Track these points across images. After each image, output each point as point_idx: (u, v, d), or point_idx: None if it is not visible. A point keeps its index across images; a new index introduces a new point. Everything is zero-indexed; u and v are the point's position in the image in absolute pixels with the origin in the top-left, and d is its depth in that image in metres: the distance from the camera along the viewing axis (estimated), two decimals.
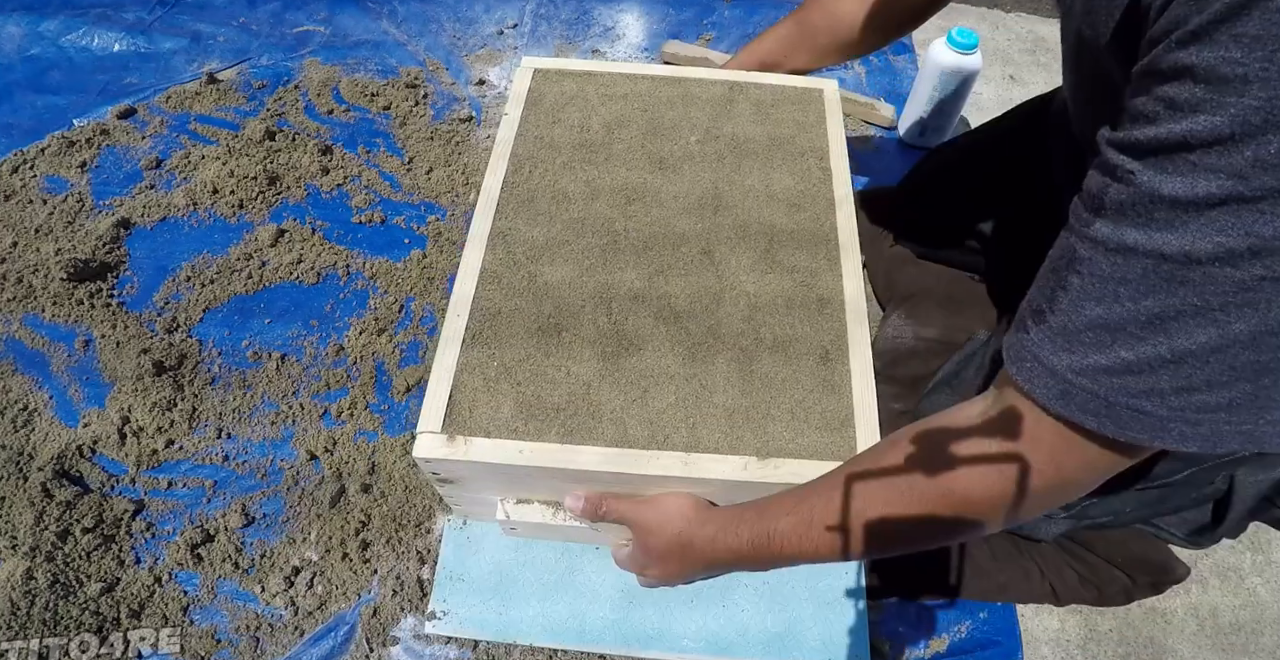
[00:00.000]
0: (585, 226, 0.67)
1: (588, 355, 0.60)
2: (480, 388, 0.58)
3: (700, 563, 0.59)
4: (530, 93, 0.78)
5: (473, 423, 0.57)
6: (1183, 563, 0.78)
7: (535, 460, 0.56)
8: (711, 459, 0.56)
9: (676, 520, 0.58)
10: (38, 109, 1.10)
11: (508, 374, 0.59)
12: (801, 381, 0.60)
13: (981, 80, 1.28)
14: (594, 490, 0.61)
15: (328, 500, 0.79)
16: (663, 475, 0.56)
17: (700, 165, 0.72)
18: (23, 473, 0.77)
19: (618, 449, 0.56)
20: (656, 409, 0.58)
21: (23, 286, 0.90)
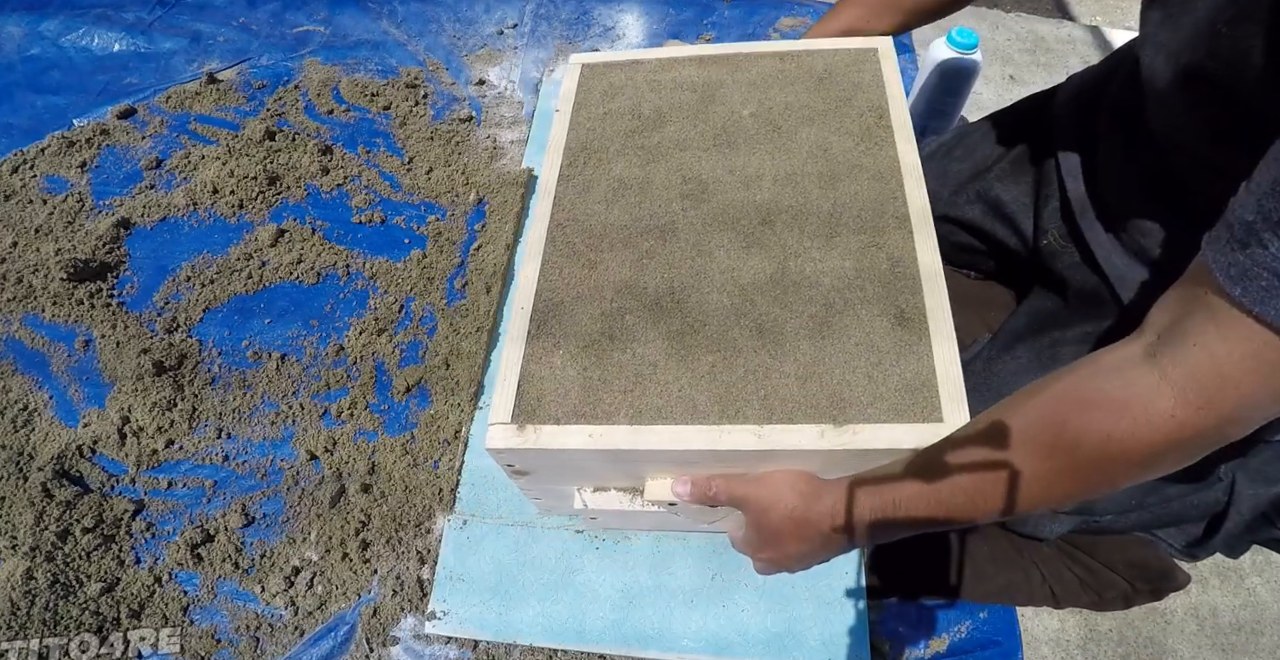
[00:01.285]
0: (642, 210, 0.66)
1: (652, 336, 0.59)
2: (547, 377, 0.59)
3: (817, 540, 0.55)
4: (579, 88, 0.78)
5: (542, 411, 0.57)
6: (1183, 571, 0.77)
7: (605, 444, 0.55)
8: (785, 430, 0.54)
9: (790, 497, 0.55)
10: (38, 109, 1.10)
11: (573, 361, 0.59)
12: (876, 345, 0.56)
13: (981, 80, 1.28)
14: (699, 473, 0.58)
15: (328, 500, 0.79)
16: (735, 449, 0.54)
17: (755, 138, 0.70)
18: (23, 473, 0.77)
19: (688, 426, 0.55)
20: (726, 383, 0.56)
21: (23, 286, 0.90)
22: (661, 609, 0.74)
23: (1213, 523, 0.67)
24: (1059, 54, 1.39)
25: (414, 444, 0.83)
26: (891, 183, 0.65)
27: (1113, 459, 0.42)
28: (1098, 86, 0.72)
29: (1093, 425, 0.42)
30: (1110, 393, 0.42)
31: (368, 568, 0.76)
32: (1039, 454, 0.44)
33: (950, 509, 0.48)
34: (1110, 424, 0.42)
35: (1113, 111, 0.67)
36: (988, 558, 0.77)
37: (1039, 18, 1.47)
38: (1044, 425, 0.45)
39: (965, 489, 0.47)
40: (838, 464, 0.55)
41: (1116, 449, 0.42)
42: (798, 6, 1.36)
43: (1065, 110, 0.75)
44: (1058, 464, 0.44)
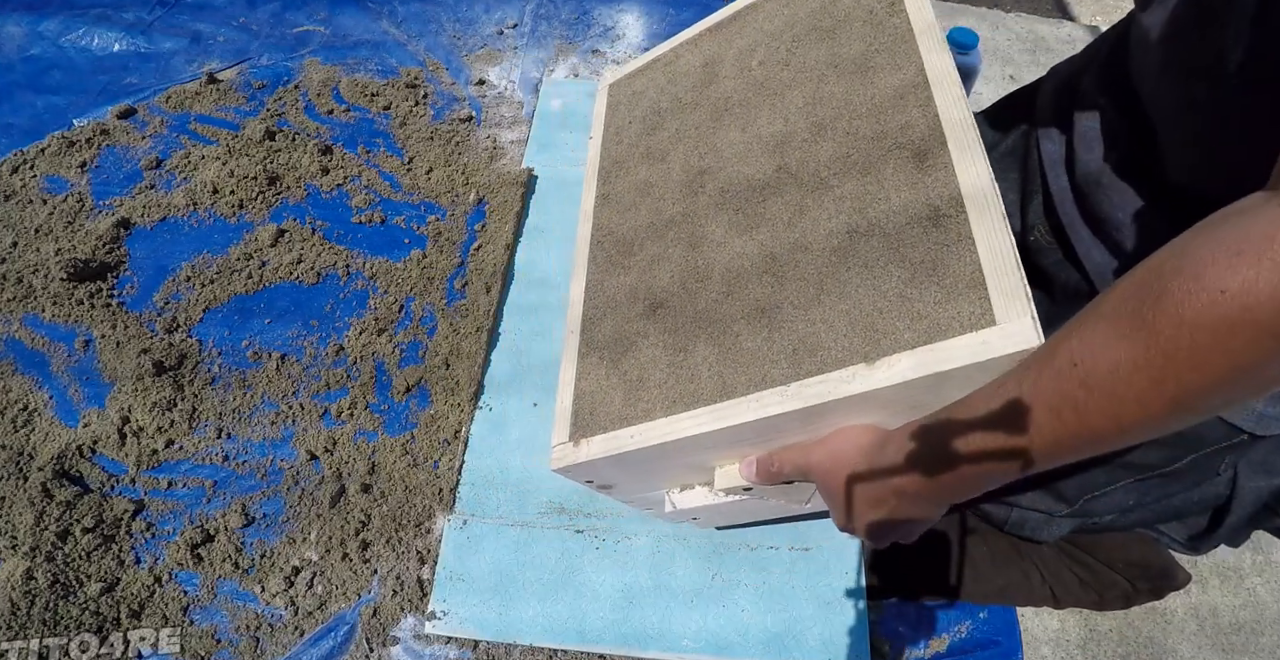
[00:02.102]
0: (660, 208, 0.66)
1: (682, 322, 0.58)
2: (595, 390, 0.60)
3: (891, 499, 0.47)
4: (608, 107, 0.80)
5: (594, 424, 0.58)
6: (1184, 569, 0.77)
7: (647, 440, 0.54)
8: (811, 384, 0.48)
9: (851, 453, 0.48)
10: (38, 109, 1.10)
11: (616, 369, 0.60)
12: (908, 256, 0.49)
13: (981, 80, 1.28)
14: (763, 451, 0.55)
15: (328, 500, 0.79)
16: (765, 417, 0.50)
17: (752, 106, 0.66)
18: (23, 473, 0.77)
19: (719, 404, 0.52)
20: (750, 350, 0.53)
21: (23, 286, 0.90)
22: (661, 609, 0.74)
23: (1216, 516, 0.67)
24: (1059, 54, 1.39)
25: (414, 444, 0.83)
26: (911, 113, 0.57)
27: (1233, 324, 0.31)
28: (1076, 76, 0.72)
29: (1198, 282, 0.32)
30: (1221, 240, 0.32)
31: (368, 568, 0.76)
32: (1129, 334, 0.34)
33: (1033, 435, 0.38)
34: (1222, 275, 0.31)
35: (1089, 93, 0.67)
36: (987, 558, 0.77)
37: (1039, 18, 1.47)
38: (1132, 296, 0.35)
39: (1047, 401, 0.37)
40: (903, 409, 0.48)
41: (1235, 307, 0.31)
42: None
43: (1047, 102, 0.75)
44: (1156, 345, 0.33)
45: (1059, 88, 0.74)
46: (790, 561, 0.77)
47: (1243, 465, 0.62)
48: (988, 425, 0.40)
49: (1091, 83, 0.66)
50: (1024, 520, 0.71)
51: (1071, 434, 0.37)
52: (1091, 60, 0.70)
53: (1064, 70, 0.76)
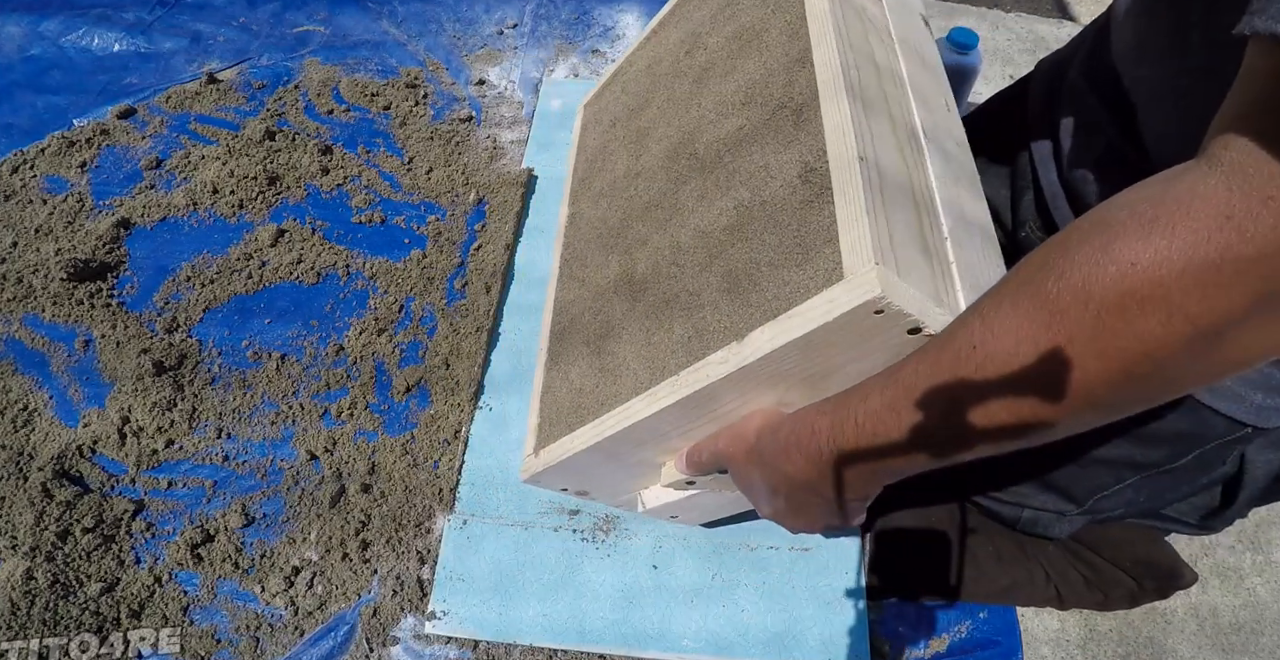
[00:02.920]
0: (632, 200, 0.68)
1: (625, 323, 0.59)
2: (554, 403, 0.62)
3: (784, 485, 0.45)
4: (582, 129, 0.83)
5: (550, 434, 0.60)
6: (1190, 568, 0.77)
7: (582, 445, 0.56)
8: (697, 368, 0.47)
9: (747, 438, 0.46)
10: (38, 109, 1.09)
11: (566, 380, 0.62)
12: (779, 219, 0.47)
13: (981, 80, 1.28)
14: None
15: (328, 500, 0.79)
16: (661, 409, 0.49)
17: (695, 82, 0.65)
18: (23, 473, 0.77)
19: (628, 403, 0.52)
20: (658, 342, 0.53)
21: (23, 286, 0.90)
22: (661, 609, 0.74)
23: (1228, 492, 0.66)
24: None
25: (414, 444, 0.83)
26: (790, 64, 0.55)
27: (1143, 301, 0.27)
28: (1062, 68, 0.72)
29: (1107, 253, 0.28)
30: (1136, 206, 0.28)
31: (368, 568, 0.76)
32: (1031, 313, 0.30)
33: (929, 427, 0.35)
34: (1133, 246, 0.27)
35: (1075, 84, 0.66)
36: (992, 557, 0.77)
37: (1039, 18, 1.47)
38: (1039, 267, 0.31)
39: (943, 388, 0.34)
40: (796, 384, 0.46)
41: (1146, 281, 0.27)
42: None
43: (1036, 97, 0.75)
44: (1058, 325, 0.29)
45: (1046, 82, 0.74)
46: (790, 561, 0.77)
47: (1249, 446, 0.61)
48: (878, 415, 0.36)
49: (1077, 73, 0.66)
50: (1036, 519, 0.71)
51: (971, 428, 0.33)
52: (1076, 51, 0.70)
53: (1050, 63, 0.75)
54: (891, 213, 0.43)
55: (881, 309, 0.38)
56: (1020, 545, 0.77)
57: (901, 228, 0.43)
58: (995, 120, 0.82)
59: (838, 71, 0.50)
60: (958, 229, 0.49)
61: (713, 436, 0.52)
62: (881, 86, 0.53)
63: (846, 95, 0.48)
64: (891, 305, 0.38)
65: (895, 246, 0.41)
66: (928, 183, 0.50)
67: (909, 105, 0.55)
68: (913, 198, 0.47)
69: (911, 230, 0.44)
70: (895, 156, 0.48)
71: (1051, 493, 0.69)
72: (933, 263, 0.43)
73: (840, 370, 0.44)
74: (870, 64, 0.54)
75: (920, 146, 0.53)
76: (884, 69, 0.56)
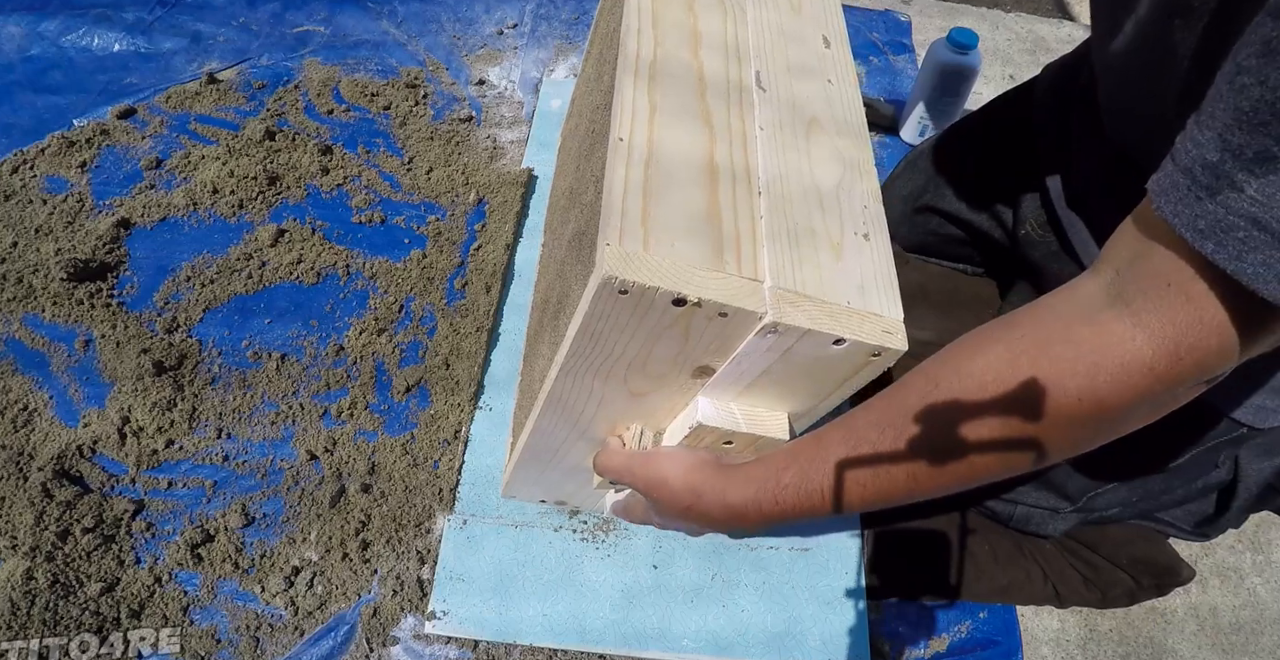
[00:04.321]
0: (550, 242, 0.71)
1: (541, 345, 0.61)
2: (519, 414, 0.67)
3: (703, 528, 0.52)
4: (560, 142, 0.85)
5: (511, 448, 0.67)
6: (1188, 565, 0.77)
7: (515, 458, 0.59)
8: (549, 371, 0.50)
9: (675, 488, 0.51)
10: (38, 109, 1.09)
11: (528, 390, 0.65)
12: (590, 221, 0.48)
13: (981, 80, 1.28)
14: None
15: (328, 500, 0.79)
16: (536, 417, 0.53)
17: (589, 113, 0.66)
18: (23, 473, 0.77)
19: (529, 412, 0.56)
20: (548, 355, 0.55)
21: (23, 286, 0.90)
22: (661, 609, 0.74)
23: (1222, 499, 0.67)
24: (1059, 54, 1.39)
25: (414, 444, 0.83)
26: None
27: (1082, 422, 0.36)
28: (1071, 74, 0.72)
29: (1063, 384, 0.36)
30: (1080, 346, 0.36)
31: (368, 568, 0.76)
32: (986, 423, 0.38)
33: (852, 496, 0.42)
34: (1083, 383, 0.35)
35: (1083, 89, 0.67)
36: (989, 556, 0.77)
37: (1039, 18, 1.47)
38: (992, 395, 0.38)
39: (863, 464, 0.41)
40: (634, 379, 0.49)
41: (1090, 410, 0.36)
42: None
43: (1043, 98, 0.75)
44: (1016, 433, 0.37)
45: (1053, 84, 0.74)
46: (790, 561, 0.77)
47: (1244, 449, 0.62)
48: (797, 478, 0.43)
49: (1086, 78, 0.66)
50: (1029, 517, 0.71)
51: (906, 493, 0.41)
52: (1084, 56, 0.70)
53: (1058, 66, 0.76)
54: (659, 186, 0.44)
55: (626, 289, 0.40)
56: (1017, 544, 0.77)
57: (674, 198, 0.44)
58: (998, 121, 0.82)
59: (629, 54, 0.51)
60: (787, 181, 0.48)
61: (622, 456, 0.54)
62: (696, 55, 0.53)
63: (630, 77, 0.50)
64: (633, 283, 0.39)
65: (651, 221, 0.42)
66: (744, 141, 0.49)
67: (738, 63, 0.55)
68: (707, 164, 0.47)
69: (692, 198, 0.45)
70: (689, 126, 0.48)
71: (1046, 489, 0.69)
72: (723, 227, 0.44)
73: (652, 355, 0.46)
74: (681, 32, 0.54)
75: (750, 101, 0.52)
76: (707, 34, 0.56)
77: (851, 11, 1.37)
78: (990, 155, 0.81)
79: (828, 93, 0.56)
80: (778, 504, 0.45)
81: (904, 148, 1.18)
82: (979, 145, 0.83)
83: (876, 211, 0.50)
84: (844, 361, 0.44)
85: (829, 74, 0.57)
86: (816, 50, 0.59)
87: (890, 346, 0.43)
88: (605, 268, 0.39)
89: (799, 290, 0.42)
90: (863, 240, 0.47)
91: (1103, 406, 0.36)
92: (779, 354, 0.44)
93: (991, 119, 0.84)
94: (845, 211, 0.49)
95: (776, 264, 0.43)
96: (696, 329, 0.43)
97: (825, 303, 0.43)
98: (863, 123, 0.55)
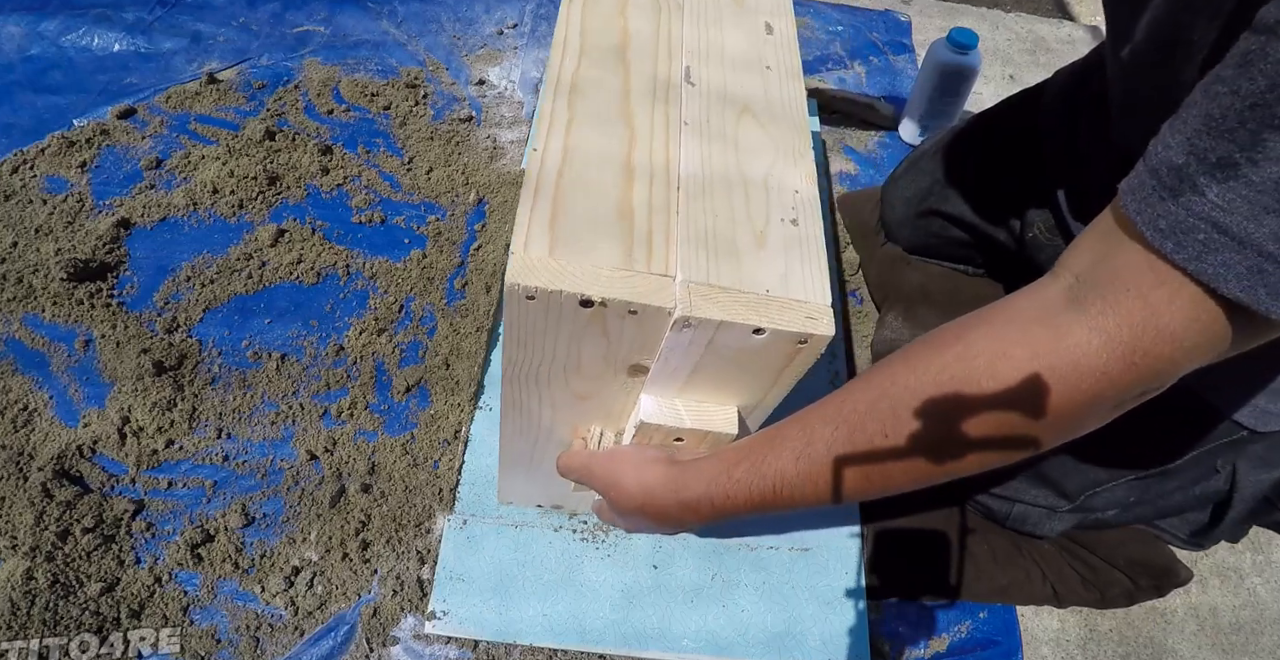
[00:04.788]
0: None
1: None
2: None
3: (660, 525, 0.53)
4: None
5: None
6: (1185, 566, 0.77)
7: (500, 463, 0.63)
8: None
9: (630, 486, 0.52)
10: (38, 109, 1.09)
11: None
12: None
13: (981, 80, 1.28)
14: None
15: (328, 500, 0.79)
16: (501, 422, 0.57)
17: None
18: (23, 473, 0.77)
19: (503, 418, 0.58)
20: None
21: (23, 286, 0.90)
22: (661, 609, 0.74)
23: (1217, 510, 0.67)
24: (1059, 54, 1.39)
25: (414, 444, 0.83)
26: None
27: (1034, 425, 0.37)
28: (1082, 80, 0.72)
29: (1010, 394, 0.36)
30: (1036, 347, 0.36)
31: (368, 568, 0.76)
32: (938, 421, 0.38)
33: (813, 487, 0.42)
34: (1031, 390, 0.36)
35: (1092, 100, 0.67)
36: (988, 557, 0.77)
37: (1039, 18, 1.47)
38: (948, 395, 0.38)
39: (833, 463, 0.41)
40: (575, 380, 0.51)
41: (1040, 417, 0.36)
42: (798, 6, 1.36)
43: (1051, 104, 0.75)
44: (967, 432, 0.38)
45: (1063, 90, 0.74)
46: (790, 561, 0.77)
47: (1242, 460, 0.62)
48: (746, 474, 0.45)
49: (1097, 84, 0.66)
50: (1025, 515, 0.71)
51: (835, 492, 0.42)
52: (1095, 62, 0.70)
53: (1069, 73, 0.76)
54: (571, 191, 0.45)
55: (532, 295, 0.41)
56: (1016, 545, 0.77)
57: (586, 201, 0.45)
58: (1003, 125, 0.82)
59: (554, 68, 0.53)
60: (710, 173, 0.49)
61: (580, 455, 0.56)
62: (624, 58, 0.54)
63: (552, 89, 0.51)
64: (537, 288, 0.41)
65: (560, 227, 0.43)
66: (666, 138, 0.50)
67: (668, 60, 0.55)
68: (625, 165, 0.48)
69: (605, 200, 0.45)
70: (610, 129, 0.49)
71: (1044, 487, 0.69)
72: (634, 226, 0.45)
73: (582, 356, 0.47)
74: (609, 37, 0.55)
75: (678, 97, 0.52)
76: (636, 34, 0.56)
77: (851, 11, 1.37)
78: (995, 159, 0.81)
79: (764, 80, 0.56)
80: (729, 499, 0.46)
81: (904, 148, 1.18)
82: (983, 149, 0.83)
83: (809, 195, 0.49)
84: (771, 351, 0.44)
85: (767, 61, 0.57)
86: (757, 38, 0.58)
87: (815, 332, 0.42)
88: (509, 275, 0.41)
89: (713, 282, 0.42)
90: (790, 226, 0.47)
91: (1054, 409, 0.36)
92: (702, 348, 0.44)
93: (997, 123, 0.84)
94: (773, 199, 0.48)
95: (690, 258, 0.43)
96: (614, 328, 0.44)
97: (742, 293, 0.42)
98: (801, 106, 0.55)
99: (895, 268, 0.94)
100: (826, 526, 0.79)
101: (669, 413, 0.50)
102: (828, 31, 1.34)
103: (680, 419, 0.50)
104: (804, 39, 1.32)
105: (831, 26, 1.34)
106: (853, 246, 1.04)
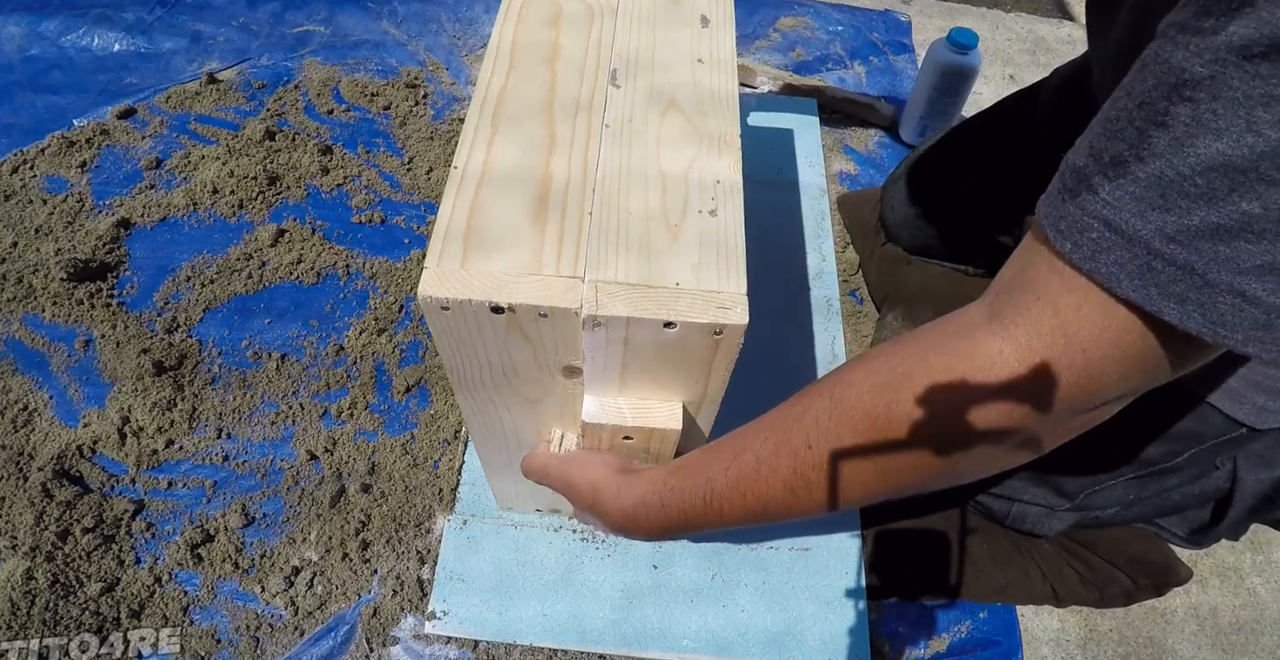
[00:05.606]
0: None
1: None
2: None
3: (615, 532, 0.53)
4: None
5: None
6: (1185, 565, 0.77)
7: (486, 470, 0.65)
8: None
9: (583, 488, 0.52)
10: (38, 109, 1.09)
11: None
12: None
13: (981, 80, 1.28)
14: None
15: (328, 500, 0.79)
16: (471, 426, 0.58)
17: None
18: (23, 473, 0.77)
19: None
20: None
21: (23, 286, 0.90)
22: (661, 609, 0.74)
23: (1217, 509, 0.67)
24: (1059, 54, 1.39)
25: (414, 444, 0.83)
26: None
27: (948, 442, 0.36)
28: (1078, 80, 0.72)
29: (924, 403, 0.35)
30: (952, 360, 0.36)
31: (368, 568, 0.76)
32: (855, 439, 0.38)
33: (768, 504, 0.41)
34: (944, 400, 0.35)
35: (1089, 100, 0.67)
36: (987, 556, 0.77)
37: (1039, 18, 1.47)
38: (867, 404, 0.38)
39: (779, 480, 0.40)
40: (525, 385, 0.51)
41: (954, 430, 0.35)
42: (798, 6, 1.36)
43: (1050, 103, 0.75)
44: (880, 451, 0.37)
45: (1060, 90, 0.74)
46: (790, 561, 0.77)
47: (1242, 458, 0.62)
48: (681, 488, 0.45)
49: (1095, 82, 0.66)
50: (1024, 514, 0.71)
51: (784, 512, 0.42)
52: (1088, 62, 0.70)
53: (1065, 72, 0.76)
54: (488, 203, 0.47)
55: (446, 306, 0.42)
56: (1015, 544, 0.77)
57: (501, 211, 0.46)
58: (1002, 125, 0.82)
59: (481, 86, 0.53)
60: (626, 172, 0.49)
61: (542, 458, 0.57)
62: (551, 68, 0.55)
63: (478, 107, 0.52)
64: (449, 299, 0.42)
65: (473, 238, 0.45)
66: (586, 143, 0.51)
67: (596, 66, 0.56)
68: (543, 173, 0.49)
69: (519, 208, 0.47)
70: (531, 141, 0.50)
71: (1043, 486, 0.69)
72: (546, 231, 0.46)
73: (515, 361, 0.48)
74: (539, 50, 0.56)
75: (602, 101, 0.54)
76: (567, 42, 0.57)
77: (851, 11, 1.37)
78: (994, 159, 0.81)
79: (694, 74, 0.56)
80: (664, 508, 0.46)
81: (904, 148, 1.18)
82: (982, 149, 0.83)
83: (731, 184, 0.49)
84: (690, 343, 0.44)
85: (700, 54, 0.57)
86: (692, 31, 0.59)
87: (728, 322, 0.42)
88: (420, 289, 0.42)
89: (621, 280, 0.43)
90: (708, 217, 0.47)
91: (972, 422, 0.35)
92: (621, 345, 0.45)
93: (994, 123, 0.84)
94: (691, 191, 0.49)
95: (600, 257, 0.44)
96: (532, 332, 0.45)
97: (650, 288, 0.43)
98: (732, 95, 0.55)
99: (895, 268, 0.94)
100: (826, 526, 0.79)
101: (611, 412, 0.51)
102: (828, 31, 1.34)
103: (622, 417, 0.50)
104: (804, 39, 1.32)
105: (831, 26, 1.34)
106: (853, 246, 1.03)
